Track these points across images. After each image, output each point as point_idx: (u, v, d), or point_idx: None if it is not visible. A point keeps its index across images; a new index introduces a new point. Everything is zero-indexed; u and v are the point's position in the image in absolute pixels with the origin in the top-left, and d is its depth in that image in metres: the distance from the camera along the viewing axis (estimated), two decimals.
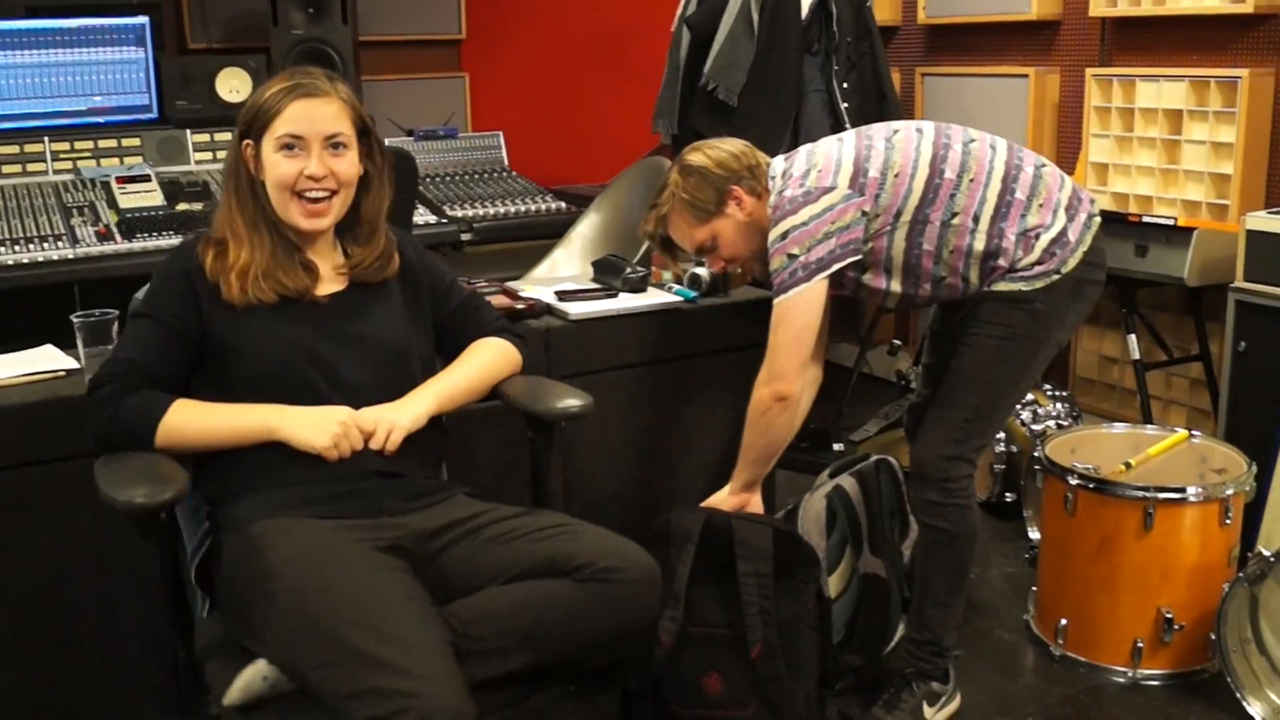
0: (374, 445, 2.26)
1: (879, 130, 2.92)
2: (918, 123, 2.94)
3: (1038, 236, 2.78)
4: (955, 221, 2.77)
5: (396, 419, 2.29)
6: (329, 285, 2.40)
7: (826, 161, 2.83)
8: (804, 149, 2.94)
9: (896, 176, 2.78)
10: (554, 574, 2.13)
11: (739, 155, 2.94)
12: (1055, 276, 2.78)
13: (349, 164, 2.36)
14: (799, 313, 2.77)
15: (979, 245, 2.78)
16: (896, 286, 2.86)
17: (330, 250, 2.44)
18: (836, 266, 2.76)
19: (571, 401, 2.43)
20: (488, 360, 2.52)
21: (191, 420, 2.21)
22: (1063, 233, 2.79)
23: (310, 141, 2.30)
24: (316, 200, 2.32)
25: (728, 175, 2.90)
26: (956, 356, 2.86)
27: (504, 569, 2.16)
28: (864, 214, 2.77)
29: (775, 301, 2.78)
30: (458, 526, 2.25)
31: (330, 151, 2.32)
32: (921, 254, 2.80)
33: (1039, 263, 2.77)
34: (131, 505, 1.98)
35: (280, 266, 2.33)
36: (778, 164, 2.93)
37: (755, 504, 2.99)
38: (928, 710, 2.96)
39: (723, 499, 2.99)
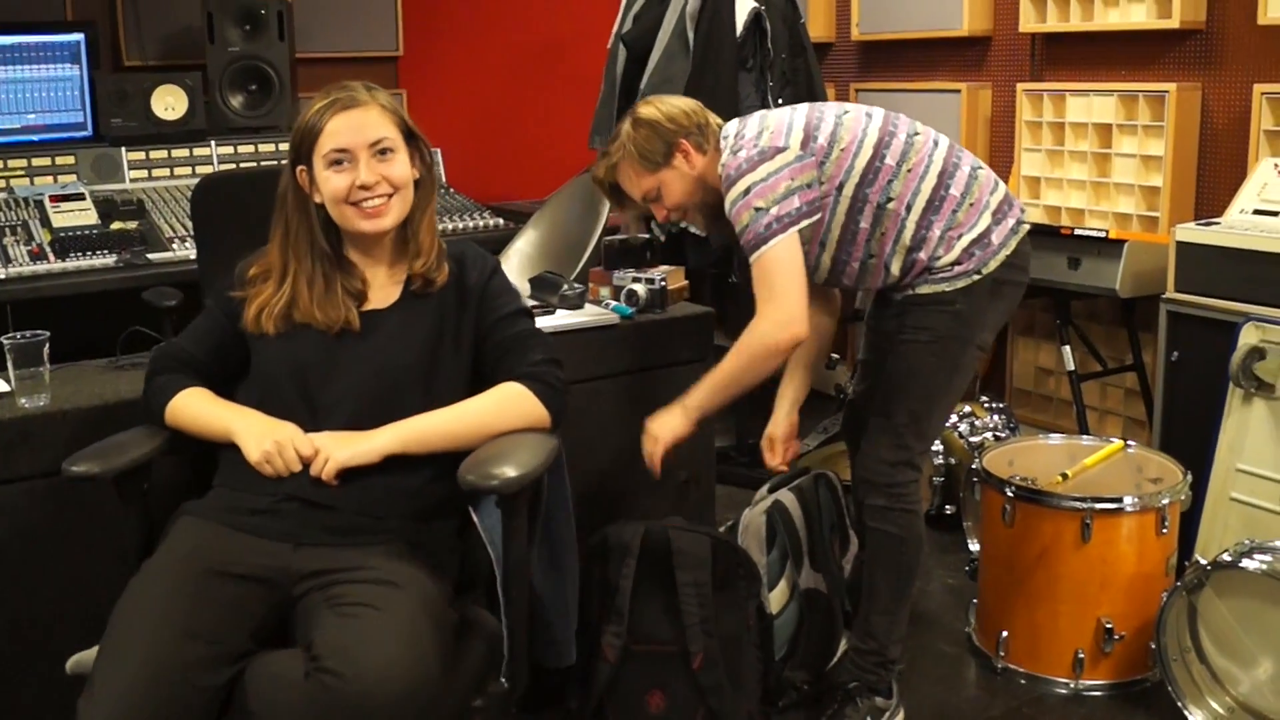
0: (312, 472, 2.23)
1: (830, 106, 2.98)
2: (868, 107, 2.99)
3: (959, 236, 2.83)
4: (890, 206, 2.83)
5: (335, 450, 2.22)
6: (375, 300, 2.41)
7: (778, 125, 2.88)
8: (756, 114, 2.99)
9: (841, 150, 2.84)
10: (304, 659, 1.96)
11: (690, 112, 2.98)
12: (975, 277, 2.84)
13: (399, 166, 2.37)
14: (789, 257, 2.77)
15: (906, 235, 2.84)
16: (827, 260, 2.92)
17: (387, 258, 2.44)
18: (805, 223, 2.79)
19: (505, 470, 2.12)
20: (486, 406, 2.33)
21: (187, 408, 2.34)
22: (985, 234, 2.84)
23: (356, 152, 2.32)
24: (373, 204, 2.34)
25: (677, 129, 2.94)
26: (890, 362, 2.92)
27: (307, 633, 2.04)
28: (817, 174, 2.83)
29: (757, 256, 2.77)
30: (328, 575, 2.14)
31: (378, 158, 2.34)
32: (858, 231, 2.86)
33: (958, 263, 2.83)
34: (68, 472, 2.18)
35: (316, 300, 2.35)
36: (730, 126, 2.98)
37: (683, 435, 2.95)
38: None
39: (672, 419, 2.92)
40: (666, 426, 2.92)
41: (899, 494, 2.91)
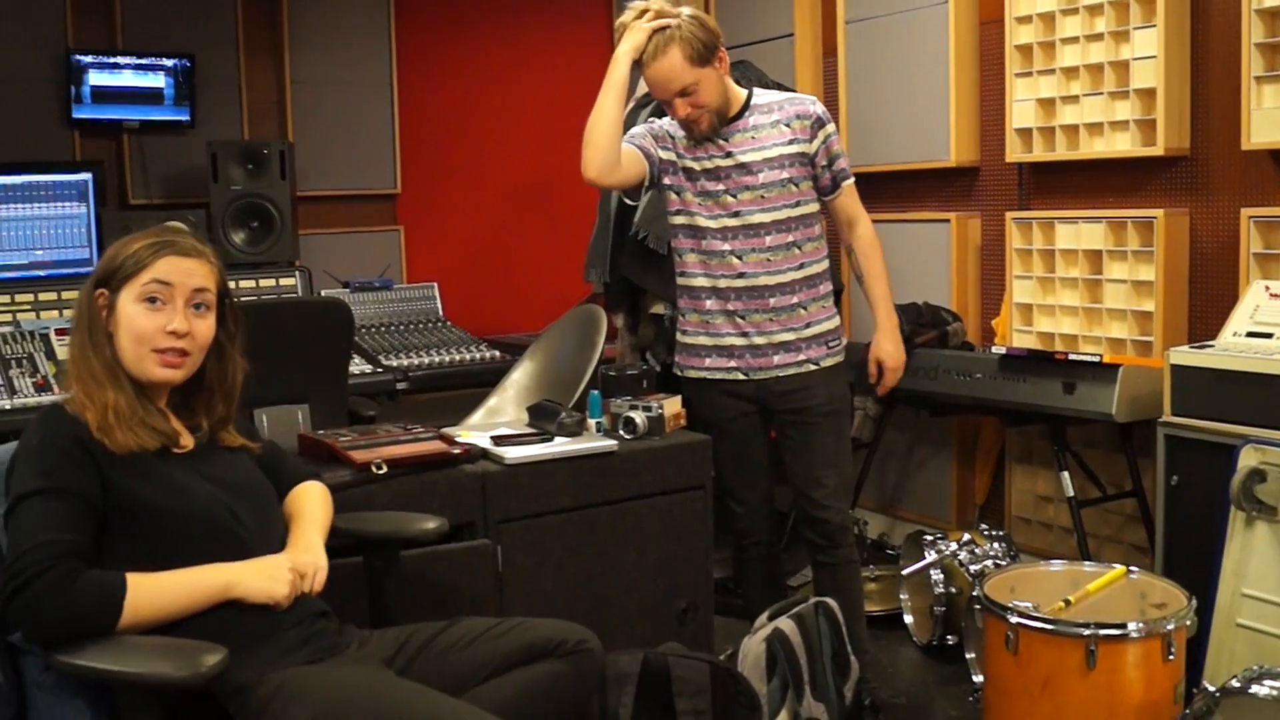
0: (304, 588, 2.30)
1: None
2: None
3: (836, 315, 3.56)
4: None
5: (317, 560, 2.37)
6: (182, 439, 2.40)
7: None
8: None
9: None
10: (539, 658, 2.36)
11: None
12: (841, 357, 3.52)
13: (208, 328, 2.36)
14: None
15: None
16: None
17: (170, 405, 2.41)
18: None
19: (429, 524, 2.68)
20: (321, 502, 2.59)
21: (150, 594, 2.12)
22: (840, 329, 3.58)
23: (176, 293, 2.29)
24: (173, 353, 2.30)
25: (717, 36, 3.30)
26: (820, 430, 3.44)
27: (480, 667, 2.35)
28: None
29: (851, 181, 3.54)
30: (413, 642, 2.40)
31: (193, 310, 2.32)
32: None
33: (839, 335, 3.53)
34: (170, 679, 1.96)
35: (142, 413, 2.28)
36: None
37: None
38: None
39: (896, 345, 3.57)
40: (898, 353, 3.55)
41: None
